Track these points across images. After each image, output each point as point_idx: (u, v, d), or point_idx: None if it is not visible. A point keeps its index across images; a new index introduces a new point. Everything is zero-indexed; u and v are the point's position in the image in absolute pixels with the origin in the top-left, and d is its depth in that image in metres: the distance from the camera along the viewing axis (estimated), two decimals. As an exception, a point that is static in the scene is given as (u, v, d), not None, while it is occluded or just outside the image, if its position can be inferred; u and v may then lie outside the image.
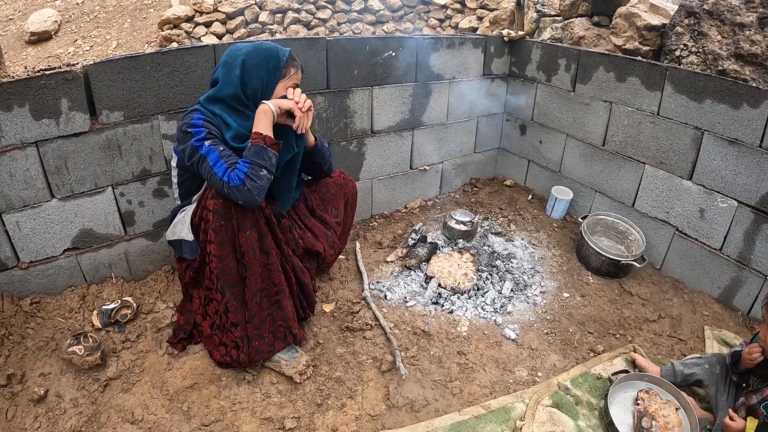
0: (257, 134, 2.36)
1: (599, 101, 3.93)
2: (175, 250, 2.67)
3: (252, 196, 2.28)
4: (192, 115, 2.42)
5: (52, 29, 9.61)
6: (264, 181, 2.32)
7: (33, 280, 2.84)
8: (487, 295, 3.33)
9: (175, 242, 2.63)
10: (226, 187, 2.26)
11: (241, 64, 2.44)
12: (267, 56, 2.49)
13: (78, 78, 2.60)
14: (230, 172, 2.27)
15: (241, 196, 2.27)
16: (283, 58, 2.52)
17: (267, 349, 2.60)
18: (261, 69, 2.47)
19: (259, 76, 2.47)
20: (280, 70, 2.51)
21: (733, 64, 3.54)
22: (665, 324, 3.26)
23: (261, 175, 2.31)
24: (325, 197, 3.10)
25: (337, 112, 3.62)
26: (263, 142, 2.35)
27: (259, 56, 2.47)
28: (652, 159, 3.65)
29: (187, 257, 2.59)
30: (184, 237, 2.55)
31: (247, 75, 2.46)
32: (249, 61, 2.45)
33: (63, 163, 2.70)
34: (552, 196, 4.35)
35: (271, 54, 2.50)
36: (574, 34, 4.64)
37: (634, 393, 2.65)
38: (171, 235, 2.66)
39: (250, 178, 2.27)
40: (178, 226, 2.60)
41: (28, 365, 2.56)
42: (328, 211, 3.10)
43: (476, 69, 4.35)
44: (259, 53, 2.48)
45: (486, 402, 2.58)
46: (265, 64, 2.48)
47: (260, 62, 2.47)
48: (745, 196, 3.17)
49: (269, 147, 2.36)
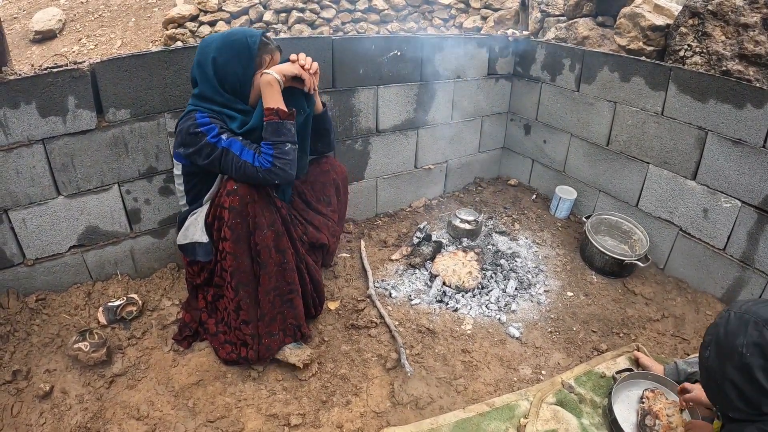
0: (269, 110, 2.34)
1: (603, 101, 3.94)
2: (187, 254, 2.66)
3: (286, 173, 2.33)
4: (193, 114, 2.37)
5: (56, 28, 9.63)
6: (292, 155, 2.35)
7: (39, 277, 2.86)
8: (492, 293, 3.34)
9: (188, 246, 2.61)
10: (261, 172, 2.28)
11: (212, 63, 2.39)
12: (238, 50, 2.39)
13: (85, 76, 2.62)
14: (258, 157, 2.29)
15: (276, 177, 2.31)
16: (254, 47, 2.41)
17: (276, 347, 2.61)
18: (234, 64, 2.40)
19: (233, 73, 2.41)
20: (253, 61, 2.42)
21: (737, 64, 3.54)
22: (668, 323, 3.26)
23: (287, 150, 2.33)
24: (315, 186, 3.08)
25: (343, 111, 3.63)
26: (278, 117, 2.33)
27: (229, 51, 2.39)
28: (656, 159, 3.65)
29: (201, 260, 2.58)
30: (198, 239, 2.54)
31: (221, 73, 2.40)
32: (219, 59, 2.38)
33: (69, 161, 2.72)
34: (556, 196, 4.35)
35: (242, 46, 2.40)
36: (578, 34, 4.64)
37: (638, 391, 2.65)
38: (183, 239, 2.64)
39: (278, 157, 2.29)
40: (191, 228, 2.59)
41: (34, 361, 2.58)
42: (321, 200, 3.08)
43: (481, 68, 4.36)
44: (229, 48, 2.39)
45: (490, 399, 2.59)
46: (237, 59, 2.40)
47: (231, 58, 2.39)
48: (748, 196, 3.17)
49: (285, 120, 2.34)
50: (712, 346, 1.88)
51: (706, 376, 1.93)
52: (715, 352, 1.86)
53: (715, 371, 1.85)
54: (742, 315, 1.81)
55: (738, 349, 1.75)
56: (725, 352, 1.81)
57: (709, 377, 1.90)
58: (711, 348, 1.88)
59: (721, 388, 1.83)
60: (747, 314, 1.80)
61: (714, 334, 1.88)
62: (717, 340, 1.85)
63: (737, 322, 1.81)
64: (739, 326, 1.79)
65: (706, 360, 1.90)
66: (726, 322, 1.84)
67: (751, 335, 1.74)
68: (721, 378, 1.82)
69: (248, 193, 2.33)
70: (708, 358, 1.89)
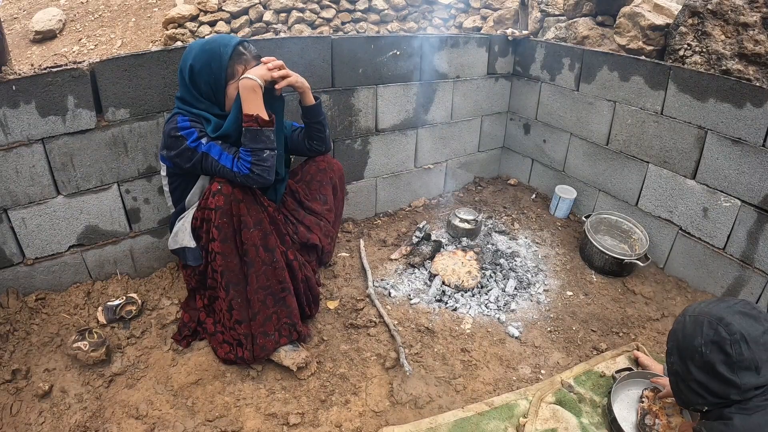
0: (249, 116, 2.34)
1: (603, 100, 3.94)
2: (180, 258, 2.68)
3: (264, 178, 2.35)
4: (175, 118, 2.40)
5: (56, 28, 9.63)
6: (270, 161, 2.36)
7: (38, 277, 2.85)
8: (491, 293, 3.34)
9: (179, 251, 2.63)
10: (239, 177, 2.32)
11: (189, 70, 2.40)
12: (209, 59, 2.38)
13: (84, 75, 2.62)
14: (237, 162, 2.31)
15: (254, 182, 2.35)
16: (226, 57, 2.39)
17: (272, 347, 2.61)
18: (206, 73, 2.40)
19: (206, 81, 2.41)
20: (224, 71, 2.41)
21: (736, 64, 3.54)
22: (668, 323, 3.26)
23: (265, 157, 2.34)
24: (311, 185, 3.06)
25: (342, 111, 3.63)
26: (257, 124, 2.34)
27: (202, 59, 2.38)
28: (656, 158, 3.65)
29: (190, 264, 2.60)
30: (186, 244, 2.55)
31: (196, 80, 2.41)
32: (195, 66, 2.39)
33: (69, 160, 2.72)
34: (556, 195, 4.35)
35: (214, 55, 2.38)
36: (578, 34, 4.64)
37: (638, 391, 2.65)
38: (173, 244, 2.65)
39: (255, 164, 2.32)
40: (179, 234, 2.60)
41: (33, 361, 2.58)
42: (317, 199, 3.06)
43: (480, 68, 4.36)
44: (203, 56, 2.39)
45: (489, 399, 2.58)
46: (208, 69, 2.39)
47: (204, 67, 2.39)
48: (748, 195, 3.17)
49: (264, 128, 2.35)
50: (674, 352, 2.01)
51: (674, 381, 2.05)
52: (677, 356, 1.99)
53: (681, 374, 1.98)
54: (696, 317, 1.94)
55: (698, 349, 1.88)
56: (687, 354, 1.93)
57: (677, 381, 2.02)
58: (673, 353, 2.01)
59: (691, 388, 1.94)
60: (701, 315, 1.93)
61: (674, 340, 2.02)
62: (677, 344, 1.99)
63: (693, 324, 1.94)
64: (695, 328, 1.92)
65: (672, 365, 2.03)
66: (683, 327, 1.98)
67: (707, 334, 1.87)
68: (688, 379, 1.93)
69: (233, 192, 2.35)
70: (673, 363, 2.02)
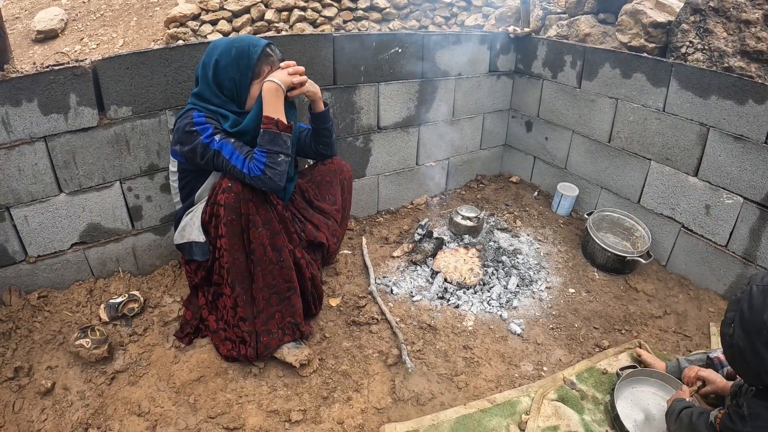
0: (269, 119, 2.34)
1: (605, 98, 3.93)
2: (184, 253, 2.68)
3: (275, 182, 2.33)
4: (190, 113, 2.39)
5: (58, 28, 9.63)
6: (283, 166, 2.35)
7: (41, 274, 2.86)
8: (493, 290, 3.34)
9: (185, 245, 2.63)
10: (248, 178, 2.31)
11: (214, 65, 2.40)
12: (238, 56, 2.40)
13: (86, 73, 2.62)
14: (249, 162, 2.30)
15: (263, 185, 2.33)
16: (254, 56, 2.41)
17: (276, 345, 2.61)
18: (232, 70, 2.41)
19: (230, 78, 2.42)
20: (252, 70, 2.42)
21: (738, 61, 3.53)
22: (671, 320, 3.26)
23: (279, 161, 2.33)
24: (321, 186, 3.07)
25: (344, 108, 3.63)
26: (276, 127, 2.34)
27: (230, 56, 2.40)
28: (658, 155, 3.65)
29: (197, 259, 2.59)
30: (194, 239, 2.55)
31: (220, 76, 2.41)
32: (222, 61, 2.40)
33: (71, 158, 2.72)
34: (558, 193, 4.35)
35: (242, 53, 2.40)
36: (579, 32, 4.64)
37: (641, 388, 2.66)
38: (179, 239, 2.66)
39: (269, 166, 2.30)
40: (187, 228, 2.60)
41: (35, 358, 2.58)
42: (326, 199, 3.07)
43: (482, 66, 4.36)
44: (231, 52, 2.40)
45: (491, 396, 2.59)
46: (236, 65, 2.41)
47: (231, 62, 2.40)
48: (750, 192, 3.17)
49: (282, 132, 2.35)
50: (736, 323, 1.80)
51: (731, 353, 1.85)
52: (740, 329, 1.77)
53: (742, 349, 1.78)
54: (765, 288, 1.74)
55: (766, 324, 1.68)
56: (752, 329, 1.73)
57: (735, 354, 1.83)
58: (735, 325, 1.80)
59: (749, 365, 1.77)
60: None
61: (737, 310, 1.80)
62: (741, 316, 1.77)
63: (762, 296, 1.73)
64: (764, 300, 1.71)
65: (731, 338, 1.82)
66: (749, 297, 1.76)
67: None
68: (751, 355, 1.74)
69: (243, 191, 2.34)
70: (732, 336, 1.81)
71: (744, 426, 1.83)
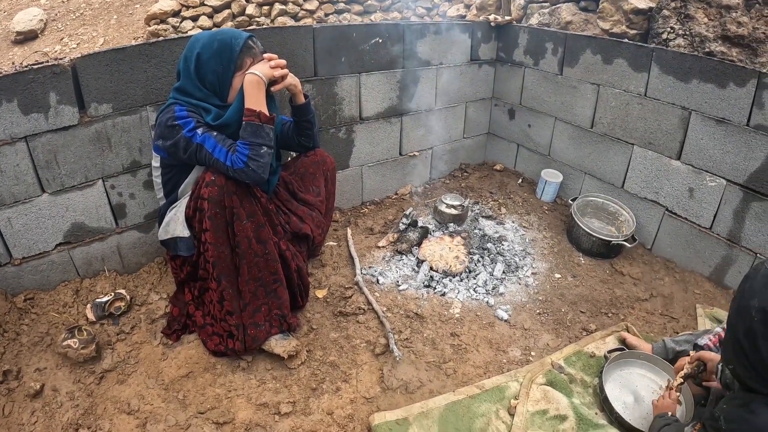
0: (251, 111, 2.34)
1: (587, 84, 3.95)
2: (169, 249, 2.68)
3: (258, 174, 2.34)
4: (172, 107, 2.39)
5: (38, 28, 9.55)
6: (266, 158, 2.36)
7: (26, 276, 2.84)
8: (479, 277, 3.35)
9: (169, 241, 2.62)
10: (231, 171, 2.31)
11: (196, 58, 2.39)
12: (220, 48, 2.40)
13: (66, 71, 2.60)
14: (231, 155, 2.31)
15: (247, 177, 2.33)
16: (237, 49, 2.41)
17: (263, 338, 2.61)
18: (215, 62, 2.40)
19: (213, 70, 2.41)
20: (234, 62, 2.42)
21: (720, 46, 3.55)
22: (657, 303, 3.29)
23: (262, 153, 2.34)
24: (305, 177, 3.07)
25: (326, 100, 3.63)
26: (258, 119, 2.34)
27: (212, 48, 2.39)
28: (641, 140, 3.67)
29: (183, 254, 2.60)
30: (179, 234, 2.55)
31: (203, 69, 2.41)
32: (204, 54, 2.39)
33: (53, 157, 2.70)
34: (542, 179, 4.37)
35: (224, 45, 2.40)
36: (561, 19, 4.65)
37: (629, 370, 2.69)
38: (164, 235, 2.65)
39: (252, 159, 2.31)
40: (171, 224, 2.60)
41: (24, 361, 2.57)
42: (310, 191, 3.07)
43: (463, 55, 4.36)
44: (213, 45, 2.39)
45: (480, 382, 2.61)
46: (218, 57, 2.40)
47: (213, 55, 2.39)
48: (733, 174, 3.19)
49: (265, 124, 2.35)
50: (735, 300, 1.69)
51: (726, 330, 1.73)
52: (734, 308, 1.67)
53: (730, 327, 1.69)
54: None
55: (750, 311, 1.57)
56: (741, 312, 1.62)
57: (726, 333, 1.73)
58: (733, 302, 1.69)
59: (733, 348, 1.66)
60: None
61: (740, 289, 1.68)
62: (740, 295, 1.66)
63: (763, 280, 1.58)
64: (762, 286, 1.57)
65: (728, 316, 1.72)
66: (753, 278, 1.63)
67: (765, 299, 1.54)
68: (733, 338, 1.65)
69: (226, 184, 2.34)
70: (729, 312, 1.72)
71: None
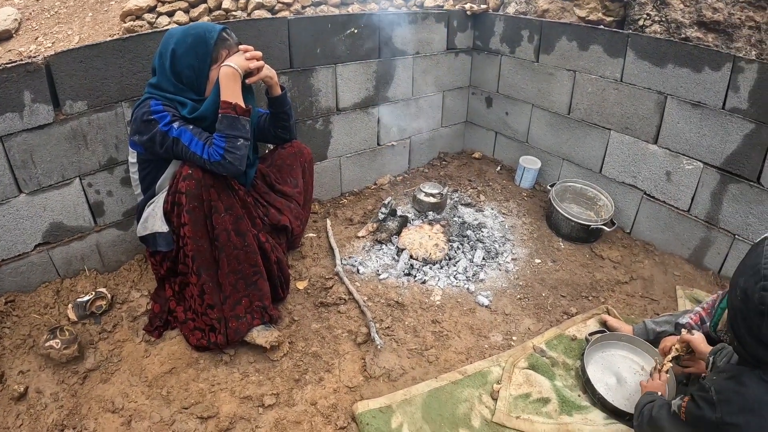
0: (227, 104, 2.34)
1: (563, 70, 3.97)
2: (148, 245, 2.67)
3: (235, 167, 2.34)
4: (148, 102, 2.38)
5: (12, 28, 9.43)
6: (243, 150, 2.36)
7: (6, 279, 2.81)
8: (459, 264, 3.37)
9: (148, 237, 2.61)
10: (208, 164, 2.31)
11: (171, 54, 2.39)
12: (195, 42, 2.39)
13: (39, 69, 2.57)
14: (208, 148, 2.31)
15: (224, 170, 2.33)
16: (211, 42, 2.40)
17: (245, 330, 2.61)
18: (190, 57, 2.40)
19: (189, 65, 2.41)
20: (210, 55, 2.42)
21: (696, 32, 3.57)
22: (637, 285, 3.32)
23: (239, 145, 2.34)
24: (282, 169, 3.07)
25: (302, 91, 3.62)
26: (234, 112, 2.34)
27: (186, 43, 2.38)
28: (618, 125, 3.70)
29: (162, 250, 2.59)
30: (157, 229, 2.54)
31: (179, 65, 2.40)
32: (178, 50, 2.38)
33: (29, 157, 2.68)
34: (520, 166, 4.40)
35: (199, 39, 2.39)
36: (538, 8, 4.65)
37: (611, 352, 2.72)
38: (143, 231, 2.64)
39: (229, 151, 2.31)
40: (150, 220, 2.59)
41: (7, 364, 2.55)
42: (288, 182, 3.07)
43: (440, 43, 4.37)
44: (187, 40, 2.39)
45: (462, 367, 2.62)
46: (194, 52, 2.39)
47: (188, 50, 2.39)
48: (710, 157, 3.23)
49: (241, 116, 2.36)
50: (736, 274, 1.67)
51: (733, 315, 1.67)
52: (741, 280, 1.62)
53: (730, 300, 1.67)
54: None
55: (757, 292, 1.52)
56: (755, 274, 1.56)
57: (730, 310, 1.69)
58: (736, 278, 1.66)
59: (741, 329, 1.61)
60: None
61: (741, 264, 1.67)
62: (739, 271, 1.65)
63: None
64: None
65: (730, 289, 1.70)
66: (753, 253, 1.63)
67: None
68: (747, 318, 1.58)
69: (203, 177, 2.34)
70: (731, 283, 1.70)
71: (714, 412, 1.66)
